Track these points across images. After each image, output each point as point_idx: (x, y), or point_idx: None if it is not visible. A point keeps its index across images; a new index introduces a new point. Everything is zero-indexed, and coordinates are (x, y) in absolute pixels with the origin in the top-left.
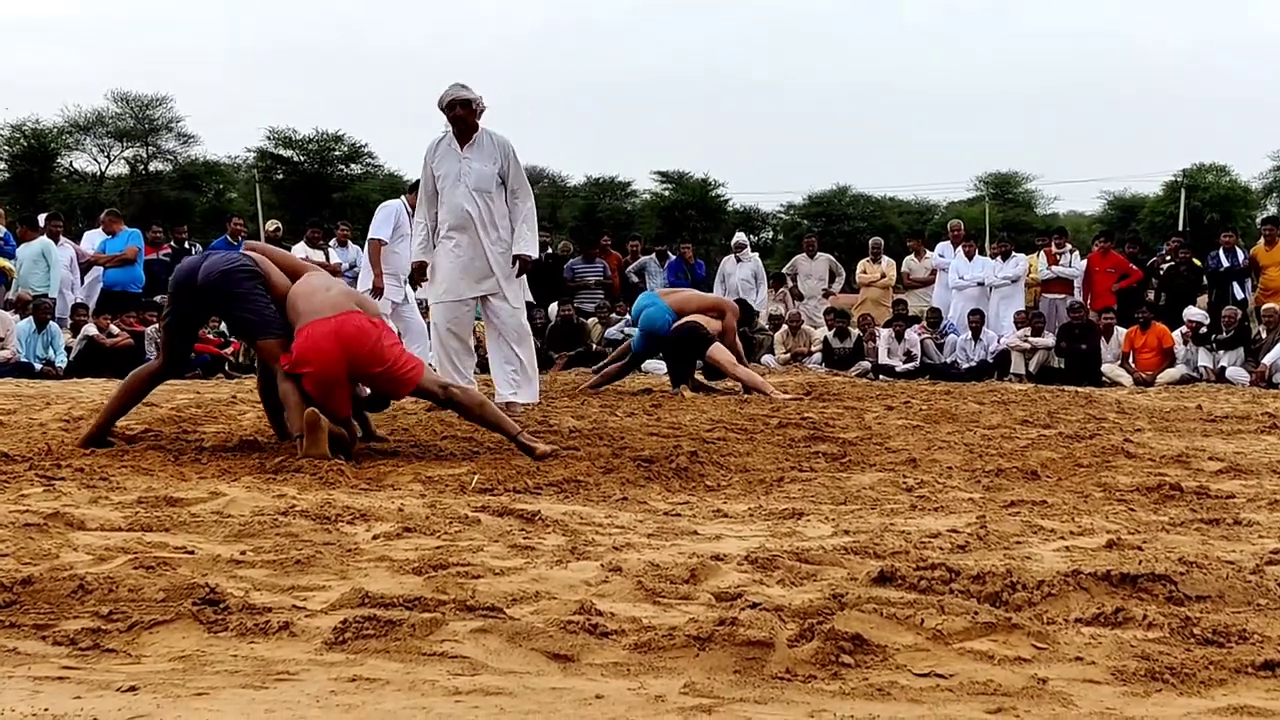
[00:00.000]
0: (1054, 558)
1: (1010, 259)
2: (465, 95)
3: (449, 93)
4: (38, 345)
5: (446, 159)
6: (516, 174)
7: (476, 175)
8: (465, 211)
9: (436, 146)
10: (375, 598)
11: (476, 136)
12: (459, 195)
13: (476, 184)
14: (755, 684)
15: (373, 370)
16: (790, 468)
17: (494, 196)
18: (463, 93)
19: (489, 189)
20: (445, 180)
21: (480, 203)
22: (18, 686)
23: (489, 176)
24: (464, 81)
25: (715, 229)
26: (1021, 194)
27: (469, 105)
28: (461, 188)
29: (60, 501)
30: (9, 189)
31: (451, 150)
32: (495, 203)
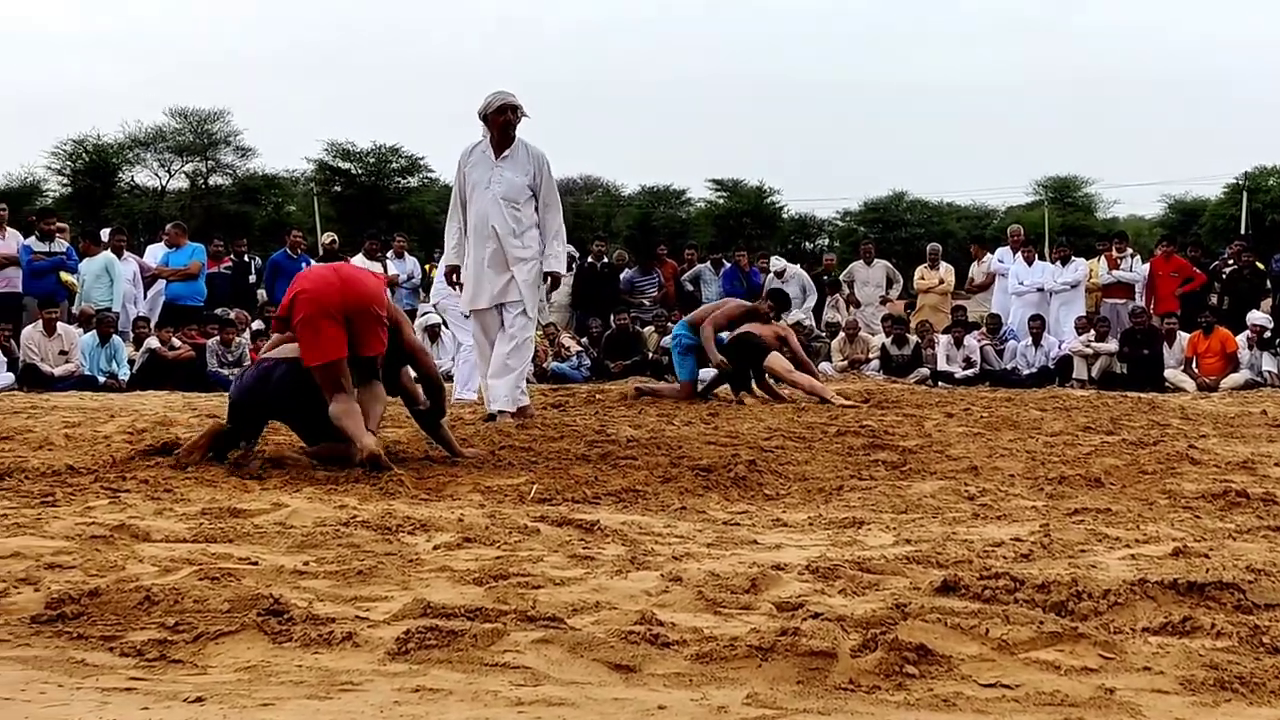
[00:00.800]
0: (1119, 566)
1: (1070, 264)
2: (514, 101)
3: (498, 98)
4: (101, 358)
5: (480, 165)
6: (549, 188)
7: (507, 185)
8: (489, 220)
9: (471, 152)
10: (437, 608)
11: (513, 146)
12: (486, 203)
13: (505, 193)
14: (818, 695)
15: (375, 308)
16: (850, 476)
17: (522, 208)
18: (511, 99)
19: (517, 200)
20: (476, 187)
21: (507, 213)
22: (86, 698)
23: (519, 187)
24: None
25: (770, 236)
26: (1081, 198)
27: (516, 111)
28: (489, 196)
29: (126, 514)
30: (72, 204)
31: (485, 157)
32: (523, 214)
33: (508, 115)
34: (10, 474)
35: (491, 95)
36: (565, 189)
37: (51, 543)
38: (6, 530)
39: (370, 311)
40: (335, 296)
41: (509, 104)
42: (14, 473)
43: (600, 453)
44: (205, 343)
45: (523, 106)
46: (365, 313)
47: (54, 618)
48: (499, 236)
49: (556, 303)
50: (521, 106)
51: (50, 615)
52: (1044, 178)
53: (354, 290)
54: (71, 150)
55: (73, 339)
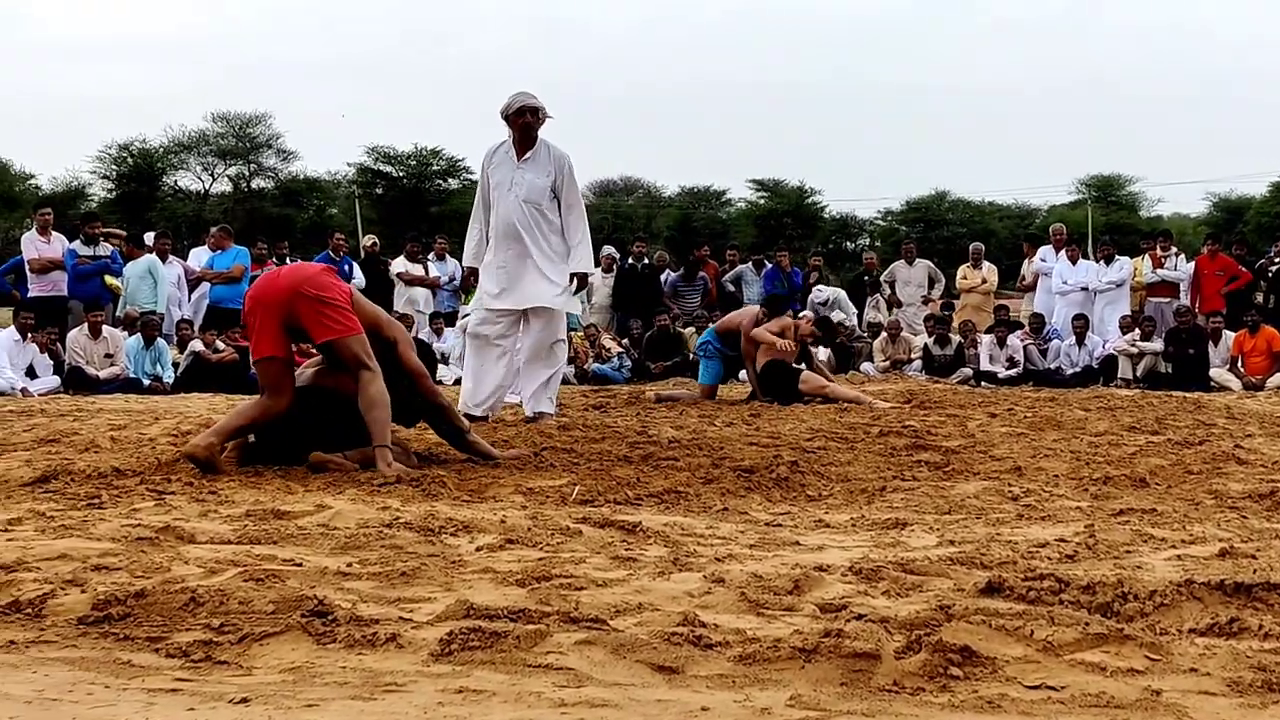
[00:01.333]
0: (1165, 567)
1: (1114, 263)
2: (535, 103)
3: (517, 99)
4: (146, 361)
5: (502, 167)
6: (570, 189)
7: (528, 187)
8: (513, 222)
9: (494, 154)
10: (480, 609)
11: (535, 148)
12: (508, 205)
13: (527, 195)
14: (862, 696)
15: (307, 290)
16: (892, 477)
17: (544, 209)
18: (532, 100)
19: (539, 201)
20: (498, 189)
21: (529, 214)
22: (132, 699)
23: (541, 189)
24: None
25: (811, 236)
26: (1125, 196)
27: (537, 113)
28: (511, 198)
29: (171, 515)
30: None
31: (508, 159)
32: (545, 216)
33: (527, 117)
34: (57, 476)
35: (512, 96)
36: (605, 190)
37: (98, 544)
38: (53, 532)
39: (303, 293)
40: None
41: (529, 105)
42: (60, 475)
43: (642, 454)
44: (248, 345)
45: (544, 108)
46: (299, 296)
47: (100, 619)
48: (523, 239)
49: (597, 304)
50: (543, 108)
51: (97, 616)
52: (1087, 176)
53: (288, 277)
54: (116, 155)
55: (118, 342)
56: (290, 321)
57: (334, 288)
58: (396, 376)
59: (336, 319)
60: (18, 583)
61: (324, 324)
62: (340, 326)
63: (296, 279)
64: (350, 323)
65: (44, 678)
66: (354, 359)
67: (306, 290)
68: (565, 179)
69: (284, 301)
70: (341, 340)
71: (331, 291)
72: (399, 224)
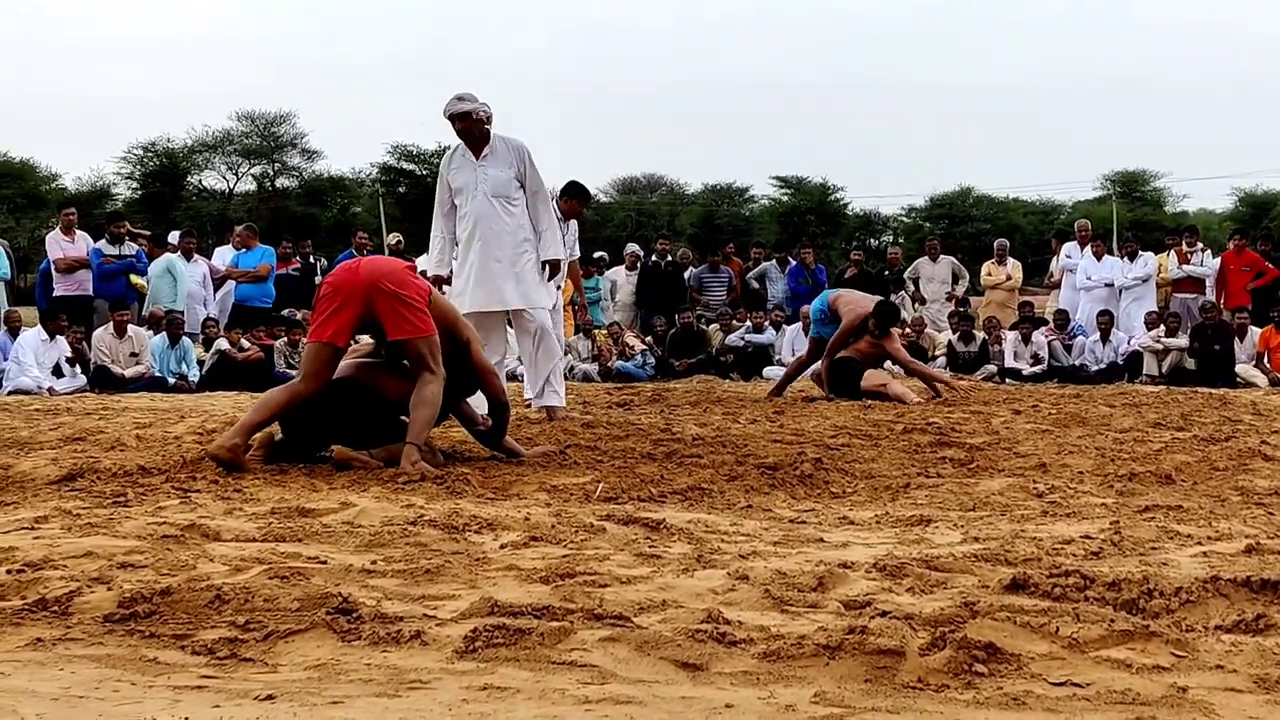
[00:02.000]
0: (1191, 564)
1: (1138, 258)
2: (463, 108)
3: (447, 108)
4: (171, 360)
5: (463, 169)
6: (533, 176)
7: (494, 182)
8: (485, 220)
9: (452, 158)
10: (504, 607)
11: (490, 144)
12: (477, 205)
13: (494, 190)
14: (887, 693)
15: (387, 285)
16: (917, 474)
17: (514, 202)
18: (460, 105)
19: (508, 194)
20: (464, 191)
21: (500, 209)
22: (159, 696)
23: (506, 182)
24: (466, 92)
25: (835, 234)
26: (1150, 192)
27: (468, 117)
28: (479, 196)
29: (196, 513)
30: (141, 207)
31: (467, 160)
32: (515, 208)
33: (457, 125)
34: (83, 475)
35: (447, 103)
36: (628, 187)
37: (124, 542)
38: (80, 530)
39: (381, 288)
40: (359, 283)
41: (455, 113)
42: (86, 473)
43: (666, 451)
44: (273, 344)
45: (478, 109)
46: (378, 290)
47: (126, 616)
48: (496, 236)
49: (621, 302)
50: (475, 110)
51: (123, 614)
52: (1112, 172)
53: (368, 269)
54: (141, 155)
55: (143, 341)
56: (367, 315)
57: (413, 285)
58: (456, 379)
59: (411, 318)
60: (44, 580)
61: (399, 322)
62: (412, 326)
63: (376, 273)
64: (424, 323)
65: (71, 675)
66: (421, 360)
67: (385, 285)
68: (528, 166)
69: (363, 293)
70: (413, 341)
71: (410, 289)
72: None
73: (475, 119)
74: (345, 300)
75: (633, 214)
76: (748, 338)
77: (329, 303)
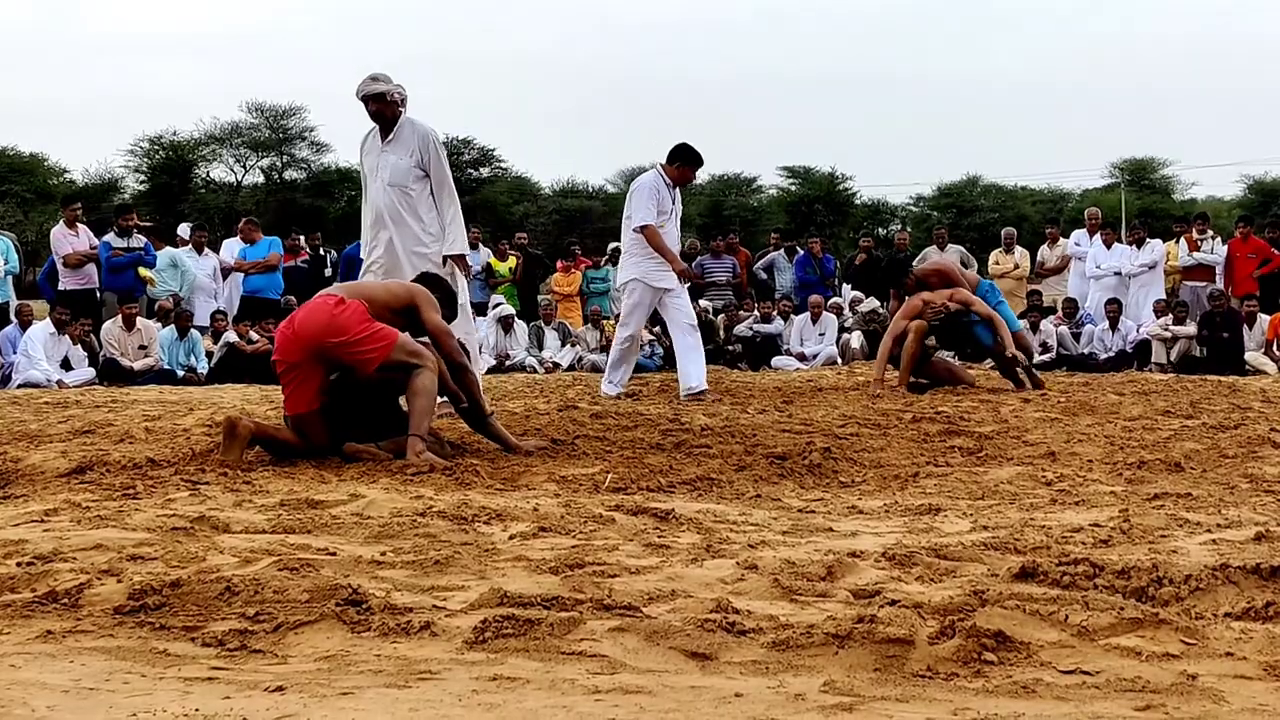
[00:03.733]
0: (1201, 551)
1: (1146, 246)
2: (377, 89)
3: (361, 87)
4: (180, 352)
5: (370, 154)
6: (438, 166)
7: (392, 169)
8: (381, 209)
9: (365, 141)
10: (514, 597)
11: (398, 129)
12: (376, 191)
13: (391, 178)
14: (896, 682)
15: (329, 340)
16: (925, 463)
17: (412, 191)
18: (374, 86)
19: (405, 183)
20: (369, 175)
21: (396, 198)
22: (169, 687)
23: (405, 170)
24: (381, 73)
25: (843, 223)
26: (1158, 180)
27: (382, 98)
28: (378, 183)
29: (206, 505)
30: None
31: (375, 144)
32: (414, 199)
33: (370, 106)
34: (92, 467)
35: (359, 83)
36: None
37: (133, 534)
38: (90, 523)
39: (325, 345)
40: (295, 351)
41: (369, 94)
42: (96, 466)
43: (674, 441)
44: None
45: (392, 90)
46: (324, 348)
47: (136, 608)
48: (390, 227)
49: None
50: (389, 91)
51: (133, 606)
52: (1121, 160)
53: (305, 334)
54: (148, 148)
55: (151, 334)
56: (330, 368)
57: (349, 321)
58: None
59: (369, 347)
60: (55, 573)
61: (363, 358)
62: (376, 350)
63: (313, 334)
64: (383, 338)
65: (81, 667)
66: (404, 364)
67: (327, 342)
68: (433, 156)
69: (312, 357)
70: (387, 359)
71: (350, 329)
72: None
73: (389, 100)
74: (302, 372)
75: None
76: (756, 328)
77: (288, 377)
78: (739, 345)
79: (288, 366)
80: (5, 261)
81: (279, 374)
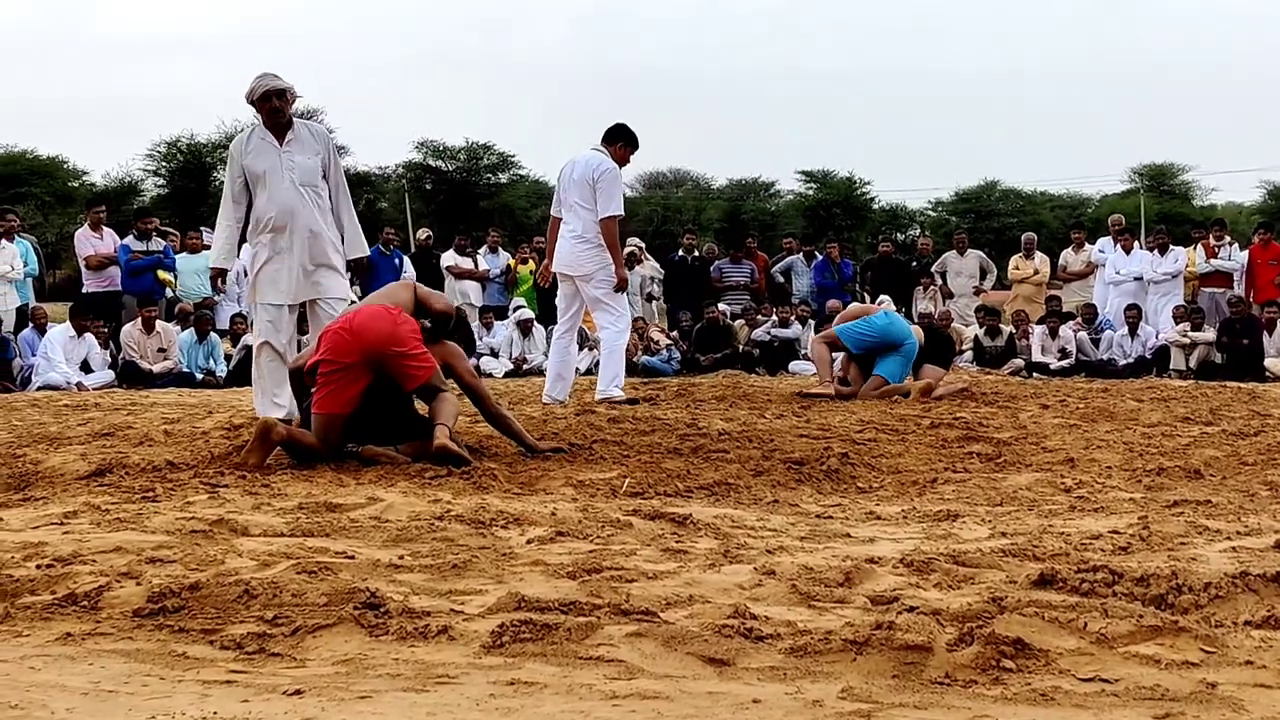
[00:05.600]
0: (1220, 559)
1: (1168, 253)
2: (281, 85)
3: (263, 83)
4: (199, 355)
5: (264, 153)
6: (336, 168)
7: (301, 169)
8: (291, 208)
9: (246, 142)
10: (531, 602)
11: (294, 130)
12: (284, 191)
13: (303, 178)
14: (914, 689)
15: (392, 349)
16: (944, 469)
17: (320, 191)
18: (277, 83)
19: (315, 183)
20: (268, 176)
21: (308, 197)
22: (187, 690)
23: (313, 170)
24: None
25: (861, 227)
26: (1178, 185)
27: (284, 95)
28: (286, 183)
29: (225, 508)
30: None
31: (267, 143)
32: (321, 198)
33: (274, 102)
34: (112, 470)
35: (256, 80)
36: (654, 182)
37: (152, 537)
38: (109, 525)
39: (388, 353)
40: (349, 346)
41: (273, 89)
42: (115, 469)
43: (692, 446)
44: (300, 339)
45: (292, 88)
46: (384, 355)
47: (155, 611)
48: (305, 226)
49: (648, 294)
50: (291, 89)
51: (152, 609)
52: (1140, 165)
53: (368, 338)
54: (166, 151)
55: (171, 336)
56: (376, 378)
57: (410, 336)
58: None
59: (420, 365)
60: (74, 575)
61: (412, 374)
62: (423, 371)
63: (379, 339)
64: (429, 362)
65: (100, 669)
66: (434, 389)
67: (389, 350)
68: (332, 157)
69: (369, 361)
70: (427, 382)
71: (409, 342)
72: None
73: (289, 99)
74: (350, 374)
75: (658, 209)
76: (774, 332)
77: (335, 375)
78: (756, 349)
79: (337, 367)
80: (25, 264)
81: (321, 373)
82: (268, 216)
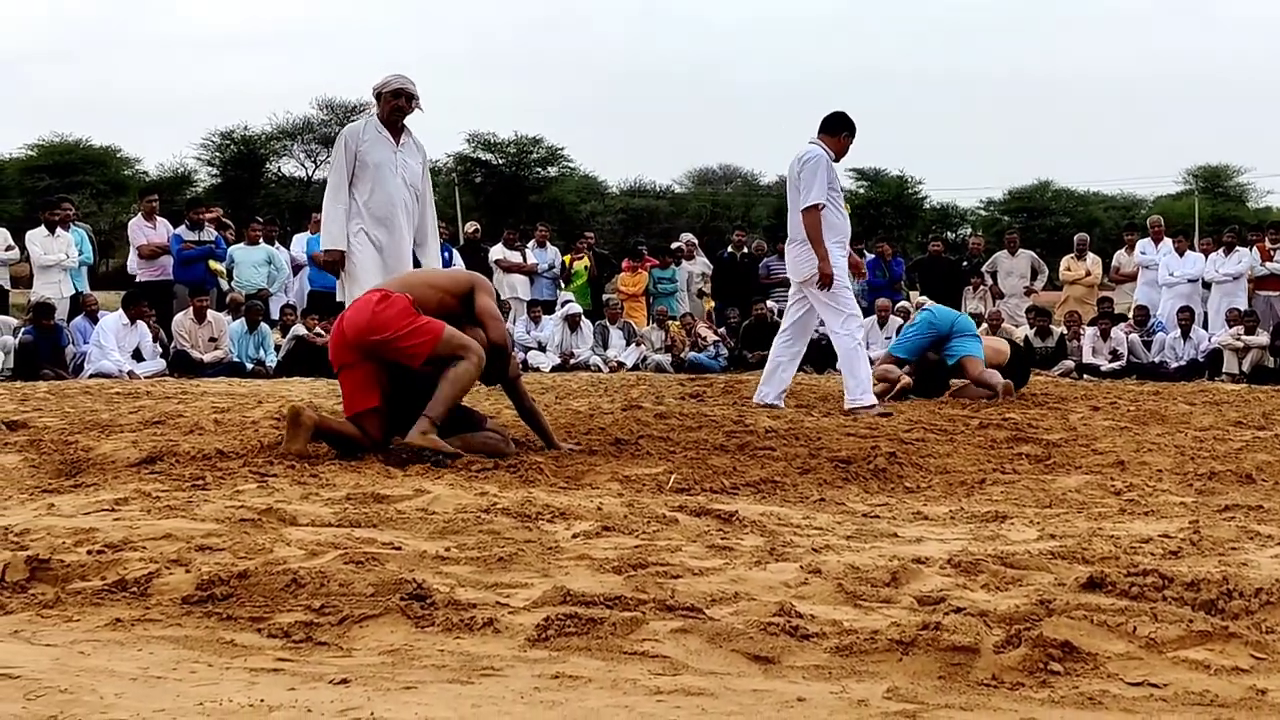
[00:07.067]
0: (1272, 564)
1: (1233, 253)
2: (414, 90)
3: (398, 79)
4: (249, 345)
5: (380, 146)
6: (429, 182)
7: (410, 171)
8: (396, 206)
9: (363, 132)
10: (576, 596)
11: (406, 134)
12: (393, 188)
13: (411, 180)
14: (960, 690)
15: (372, 338)
16: (992, 469)
17: (419, 197)
18: (411, 86)
19: (418, 186)
20: (381, 169)
21: (411, 199)
22: (235, 677)
23: (419, 175)
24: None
25: (912, 226)
26: (1232, 187)
27: (412, 100)
28: (398, 180)
29: (273, 498)
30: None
31: (383, 138)
32: (418, 204)
33: (401, 102)
34: (162, 458)
35: (392, 75)
36: (704, 179)
37: (202, 525)
38: (159, 513)
39: (369, 343)
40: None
41: (408, 91)
42: (165, 457)
43: (738, 443)
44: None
45: (420, 98)
46: (370, 346)
47: (204, 599)
48: (403, 225)
49: (697, 290)
50: (419, 98)
51: (200, 596)
52: (1195, 167)
53: (350, 333)
54: (219, 142)
55: (222, 326)
56: (383, 365)
57: (394, 316)
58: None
59: (416, 341)
60: (124, 562)
61: (411, 353)
62: (424, 344)
63: (358, 332)
64: (430, 331)
65: (149, 655)
66: (451, 354)
67: (371, 340)
68: (426, 169)
69: (362, 355)
70: (435, 352)
71: (393, 323)
72: (498, 211)
73: (416, 106)
74: (357, 371)
75: (708, 205)
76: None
77: (344, 378)
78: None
79: (342, 367)
80: (80, 252)
81: (337, 375)
82: (374, 208)
